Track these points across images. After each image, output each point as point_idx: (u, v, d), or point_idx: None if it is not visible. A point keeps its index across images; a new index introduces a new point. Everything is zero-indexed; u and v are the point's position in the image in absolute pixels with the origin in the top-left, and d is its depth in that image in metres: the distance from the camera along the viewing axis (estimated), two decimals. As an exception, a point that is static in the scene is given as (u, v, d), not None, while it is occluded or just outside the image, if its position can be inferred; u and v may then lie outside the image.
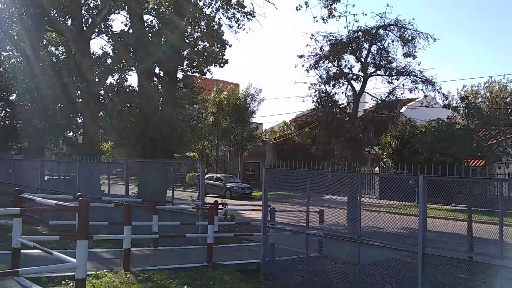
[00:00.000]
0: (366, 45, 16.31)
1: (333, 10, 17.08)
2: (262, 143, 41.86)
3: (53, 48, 27.98)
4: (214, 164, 40.53)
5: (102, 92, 22.33)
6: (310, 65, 16.27)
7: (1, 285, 6.10)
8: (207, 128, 31.62)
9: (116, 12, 24.01)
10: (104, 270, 7.68)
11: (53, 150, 27.24)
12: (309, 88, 16.51)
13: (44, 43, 25.95)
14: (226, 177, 33.35)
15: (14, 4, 21.12)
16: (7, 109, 29.73)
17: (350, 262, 9.11)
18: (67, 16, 22.53)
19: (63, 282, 6.82)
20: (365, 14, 18.08)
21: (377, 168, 27.20)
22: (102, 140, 25.86)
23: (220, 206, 14.37)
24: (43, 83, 21.61)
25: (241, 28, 22.59)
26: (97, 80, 22.03)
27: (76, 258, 5.14)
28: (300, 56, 16.64)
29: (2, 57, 29.15)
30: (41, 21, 22.03)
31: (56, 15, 22.66)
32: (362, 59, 16.30)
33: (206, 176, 26.99)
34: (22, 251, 6.90)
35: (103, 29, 22.47)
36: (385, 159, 28.42)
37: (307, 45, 19.84)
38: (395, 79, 16.22)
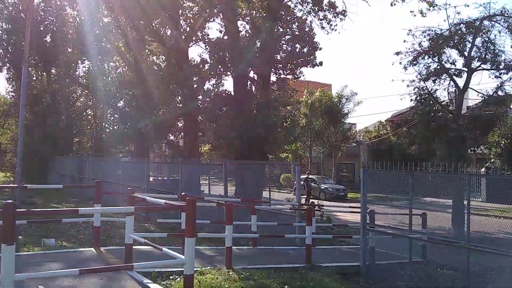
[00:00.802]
0: (469, 38, 15.34)
1: (432, 3, 16.27)
2: (357, 143, 40.95)
3: (154, 58, 29.94)
4: (307, 165, 40.44)
5: (200, 97, 23.41)
6: (408, 61, 15.66)
7: (116, 278, 6.62)
8: (300, 129, 31.69)
9: (212, 20, 25.10)
10: (208, 267, 8.01)
11: (157, 152, 29.04)
12: (408, 85, 15.90)
13: (147, 52, 27.87)
14: (320, 178, 33.15)
15: (120, 18, 22.89)
16: (115, 115, 32.36)
17: (457, 268, 8.61)
18: (167, 27, 23.93)
19: (170, 277, 7.23)
20: (467, 6, 16.99)
21: (482, 169, 25.32)
22: (200, 143, 27.05)
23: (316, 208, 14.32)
24: (147, 91, 23.16)
25: (333, 29, 22.41)
26: (195, 86, 23.14)
27: (185, 255, 5.43)
28: (397, 53, 16.10)
29: (109, 67, 31.82)
30: (144, 33, 23.69)
31: (157, 26, 24.22)
32: (466, 53, 15.33)
33: (300, 177, 27.03)
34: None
35: (200, 37, 23.54)
36: (492, 159, 26.34)
37: (404, 41, 19.05)
38: (504, 73, 15.04)
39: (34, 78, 30.94)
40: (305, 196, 23.61)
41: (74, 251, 8.61)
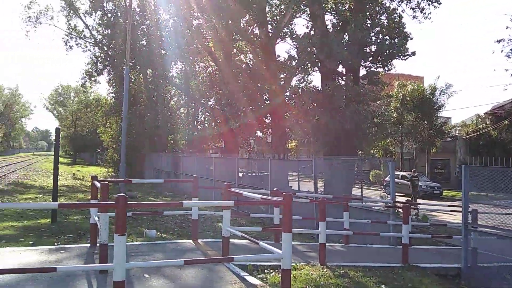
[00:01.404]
0: None
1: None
2: (452, 138, 38.60)
3: (242, 56, 30.59)
4: (398, 161, 38.92)
5: (287, 93, 23.49)
6: None
7: (215, 269, 6.84)
8: (392, 124, 30.55)
9: (298, 16, 25.04)
10: (302, 263, 8.01)
11: (246, 148, 29.67)
12: (512, 75, 14.62)
13: (235, 52, 28.54)
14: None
15: (211, 19, 23.63)
16: (206, 113, 33.60)
17: None
18: (255, 25, 24.28)
19: (265, 271, 7.32)
20: None
21: None
22: (288, 139, 27.15)
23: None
24: (236, 88, 23.71)
25: (426, 17, 21.34)
26: (282, 82, 23.26)
27: (282, 250, 5.45)
28: (499, 41, 14.89)
29: (200, 68, 33.06)
30: (232, 32, 24.26)
31: (245, 24, 24.70)
32: None
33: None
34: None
35: (288, 33, 23.59)
36: None
37: (507, 27, 17.59)
38: None
39: (132, 79, 33.05)
40: (407, 197, 22.84)
41: (174, 242, 9.03)
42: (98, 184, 7.02)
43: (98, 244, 7.74)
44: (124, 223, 4.49)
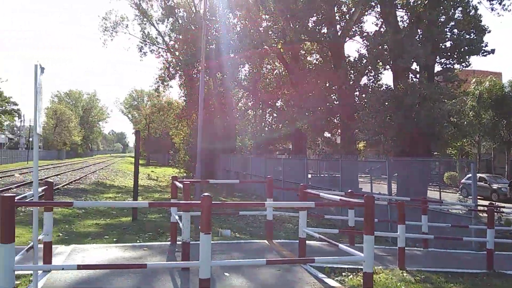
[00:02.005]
0: None
1: None
2: (535, 138, 35.85)
3: (308, 57, 30.42)
4: (475, 163, 36.78)
5: (357, 93, 23.01)
6: None
7: (292, 270, 6.80)
8: (471, 124, 28.91)
9: (367, 14, 24.46)
10: (380, 267, 7.77)
11: (313, 149, 29.46)
12: None
13: (302, 52, 28.44)
14: (491, 177, 29.84)
15: (279, 21, 23.72)
16: (274, 115, 33.78)
17: None
18: (323, 24, 24.03)
19: (343, 273, 7.18)
20: None
21: None
22: (357, 139, 26.61)
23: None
24: (304, 89, 23.60)
25: (506, 9, 20.09)
26: (351, 82, 22.80)
27: (364, 252, 5.32)
28: None
29: (268, 69, 33.28)
30: (300, 33, 24.16)
31: (313, 25, 24.49)
32: None
33: (467, 176, 24.79)
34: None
35: (358, 32, 23.14)
36: None
37: None
38: None
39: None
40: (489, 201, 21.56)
41: (249, 242, 9.12)
42: (179, 184, 7.25)
43: (178, 242, 8.01)
44: (209, 222, 4.59)
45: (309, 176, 20.35)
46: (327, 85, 23.42)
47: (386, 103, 19.00)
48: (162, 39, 34.00)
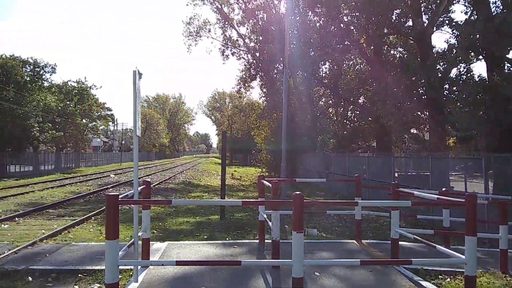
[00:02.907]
0: None
1: None
2: None
3: (392, 51, 29.29)
4: None
5: (446, 86, 21.71)
6: None
7: (384, 272, 6.56)
8: None
9: (456, 2, 23.01)
10: (480, 270, 7.27)
11: (400, 146, 28.35)
12: None
13: (385, 47, 27.45)
14: None
15: (361, 15, 23.10)
16: (356, 112, 32.99)
17: None
18: (408, 16, 23.04)
19: (439, 276, 6.81)
20: None
21: None
22: (448, 135, 25.16)
23: None
24: (388, 84, 22.75)
25: None
26: (440, 74, 21.56)
27: (466, 254, 4.99)
28: None
29: (349, 66, 32.58)
30: (383, 26, 23.37)
31: (396, 17, 23.57)
32: None
33: None
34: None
35: (446, 21, 21.84)
36: None
37: None
38: None
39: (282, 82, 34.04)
40: None
41: (338, 242, 8.98)
42: (266, 183, 7.31)
43: (266, 241, 8.09)
44: (301, 220, 4.57)
45: (396, 174, 19.59)
46: (413, 79, 22.36)
47: (480, 96, 17.71)
48: (243, 41, 34.69)
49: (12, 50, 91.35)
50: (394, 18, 23.16)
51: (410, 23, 23.66)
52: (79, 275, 6.70)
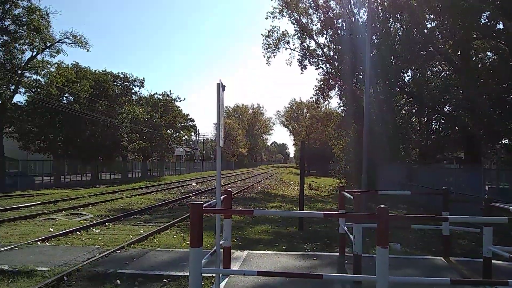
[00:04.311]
0: None
1: None
2: None
3: (479, 56, 27.51)
4: None
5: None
6: None
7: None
8: None
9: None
10: None
11: (491, 158, 26.45)
12: None
13: (473, 52, 25.83)
14: None
15: (446, 20, 21.99)
16: (441, 121, 31.33)
17: None
18: (499, 19, 21.54)
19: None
20: None
21: None
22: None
23: None
24: (476, 91, 21.36)
25: None
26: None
27: None
28: None
29: (431, 73, 31.07)
30: (470, 31, 21.99)
31: (485, 20, 22.11)
32: None
33: None
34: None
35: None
36: None
37: None
38: None
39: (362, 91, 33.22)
40: None
41: (424, 258, 8.51)
42: (347, 195, 7.13)
43: (347, 254, 7.86)
44: (387, 235, 4.36)
45: (486, 188, 18.27)
46: (505, 85, 20.80)
47: None
48: (321, 51, 34.41)
49: (104, 66, 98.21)
50: (482, 21, 21.77)
51: (500, 25, 22.11)
52: (164, 280, 6.95)
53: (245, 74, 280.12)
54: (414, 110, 34.23)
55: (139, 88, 54.61)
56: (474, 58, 26.48)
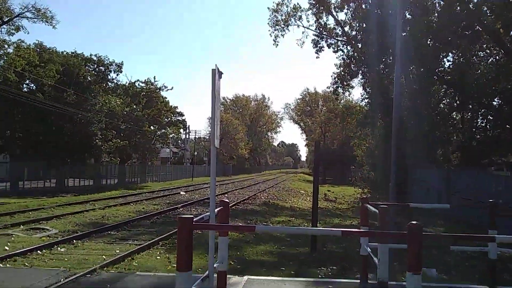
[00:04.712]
0: None
1: None
2: None
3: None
4: None
5: None
6: None
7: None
8: None
9: None
10: None
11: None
12: None
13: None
14: None
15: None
16: (489, 117, 31.25)
17: None
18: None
19: None
20: None
21: None
22: None
23: None
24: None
25: None
26: None
27: None
28: None
29: (478, 59, 31.02)
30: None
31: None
32: None
33: None
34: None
35: None
36: None
37: None
38: None
39: (391, 80, 33.15)
40: None
41: (465, 287, 8.51)
42: (372, 208, 7.11)
43: (370, 281, 7.85)
44: (420, 258, 4.34)
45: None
46: None
47: None
48: (341, 30, 34.36)
49: (74, 46, 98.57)
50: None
51: None
52: (145, 311, 6.96)
53: (247, 59, 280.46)
54: (455, 104, 34.11)
55: (117, 74, 54.73)
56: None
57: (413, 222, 4.43)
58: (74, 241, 14.26)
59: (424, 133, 30.05)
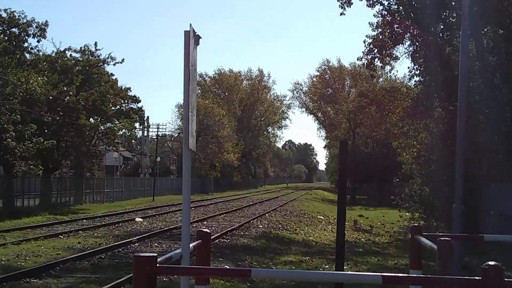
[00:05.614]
0: None
1: None
2: None
3: None
4: None
5: None
6: None
7: None
8: None
9: None
10: None
11: None
12: None
13: None
14: None
15: None
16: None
17: None
18: None
19: None
20: None
21: None
22: None
23: None
24: None
25: None
26: None
27: None
28: None
29: None
30: None
31: None
32: None
33: None
34: None
35: None
36: None
37: None
38: None
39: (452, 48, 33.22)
40: None
41: None
42: (427, 242, 7.13)
43: None
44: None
45: None
46: None
47: None
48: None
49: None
50: None
51: None
52: None
53: (238, 17, 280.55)
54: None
55: (38, 41, 54.01)
56: None
57: (490, 262, 4.46)
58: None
59: (506, 127, 30.13)
